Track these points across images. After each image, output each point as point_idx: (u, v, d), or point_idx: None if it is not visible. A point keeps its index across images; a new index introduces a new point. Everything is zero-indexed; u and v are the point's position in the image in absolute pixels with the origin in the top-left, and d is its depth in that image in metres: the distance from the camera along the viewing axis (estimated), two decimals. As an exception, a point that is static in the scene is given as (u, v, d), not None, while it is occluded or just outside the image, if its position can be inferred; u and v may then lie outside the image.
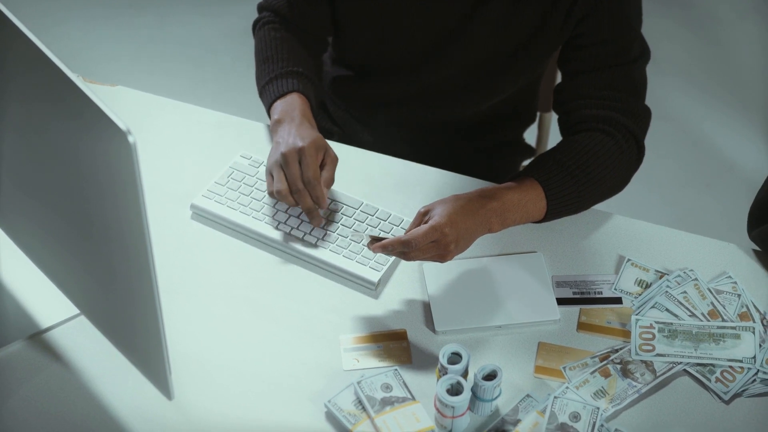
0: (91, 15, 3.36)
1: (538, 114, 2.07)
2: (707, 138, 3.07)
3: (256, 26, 1.81)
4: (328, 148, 1.60)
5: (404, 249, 1.46)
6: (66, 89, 1.11)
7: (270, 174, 1.59)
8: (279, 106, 1.66)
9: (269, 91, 1.69)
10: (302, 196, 1.56)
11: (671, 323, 1.48)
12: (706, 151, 3.03)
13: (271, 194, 1.58)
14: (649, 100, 1.70)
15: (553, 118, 1.92)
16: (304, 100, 1.67)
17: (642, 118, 1.66)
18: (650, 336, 1.47)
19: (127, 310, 1.27)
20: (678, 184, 2.95)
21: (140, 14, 3.37)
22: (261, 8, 1.82)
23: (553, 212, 1.59)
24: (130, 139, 1.05)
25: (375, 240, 1.49)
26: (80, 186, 1.19)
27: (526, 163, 2.07)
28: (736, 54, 3.31)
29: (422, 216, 1.50)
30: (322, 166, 1.59)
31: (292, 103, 1.66)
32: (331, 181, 1.59)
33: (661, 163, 2.95)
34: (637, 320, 1.49)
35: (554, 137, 1.82)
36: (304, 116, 1.64)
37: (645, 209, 2.83)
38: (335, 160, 1.61)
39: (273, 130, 1.64)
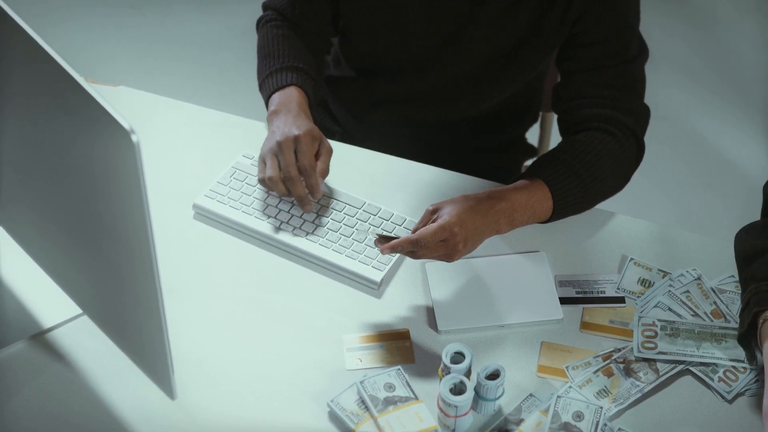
0: (90, 14, 3.35)
1: (540, 113, 2.07)
2: (708, 137, 3.07)
3: (260, 24, 1.81)
4: (323, 139, 1.60)
5: (413, 248, 1.45)
6: (69, 87, 1.10)
7: (263, 161, 1.58)
8: (276, 98, 1.66)
9: (268, 84, 1.69)
10: (294, 184, 1.55)
11: (674, 322, 1.48)
12: (706, 149, 3.03)
13: (261, 181, 1.58)
14: (649, 99, 1.69)
15: (555, 117, 1.92)
16: (302, 94, 1.67)
17: (642, 116, 1.66)
18: (652, 334, 1.47)
19: (130, 309, 1.27)
20: (679, 183, 2.95)
21: (141, 14, 3.36)
22: (265, 7, 1.82)
23: (559, 212, 1.59)
24: (134, 138, 1.05)
25: (382, 239, 1.48)
26: (82, 184, 1.19)
27: (528, 162, 2.07)
28: (735, 52, 3.31)
29: (431, 214, 1.50)
30: (317, 157, 1.59)
31: (290, 96, 1.66)
32: (326, 172, 1.59)
33: (662, 163, 2.95)
34: (640, 318, 1.48)
35: (556, 136, 1.81)
36: (301, 108, 1.64)
37: (646, 208, 2.82)
38: (330, 151, 1.61)
39: (269, 120, 1.64)
